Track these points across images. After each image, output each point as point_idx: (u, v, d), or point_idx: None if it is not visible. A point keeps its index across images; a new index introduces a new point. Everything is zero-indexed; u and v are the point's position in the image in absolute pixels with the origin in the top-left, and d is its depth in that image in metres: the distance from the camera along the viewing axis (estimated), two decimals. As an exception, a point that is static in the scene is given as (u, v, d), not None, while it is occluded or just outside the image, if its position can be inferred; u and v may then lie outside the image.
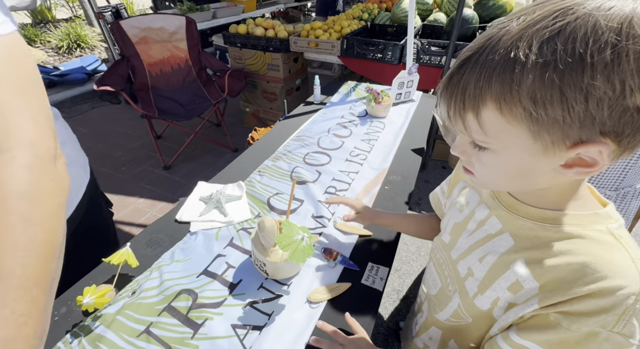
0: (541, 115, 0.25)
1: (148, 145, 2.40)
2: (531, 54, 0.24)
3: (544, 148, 0.27)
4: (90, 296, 0.54)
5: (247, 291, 0.63)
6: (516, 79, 0.25)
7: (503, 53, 0.25)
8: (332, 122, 1.25)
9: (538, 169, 0.30)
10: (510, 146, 0.29)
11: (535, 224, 0.35)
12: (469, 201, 0.46)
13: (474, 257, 0.41)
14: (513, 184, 0.34)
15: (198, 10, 2.77)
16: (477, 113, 0.28)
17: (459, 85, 0.29)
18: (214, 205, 0.83)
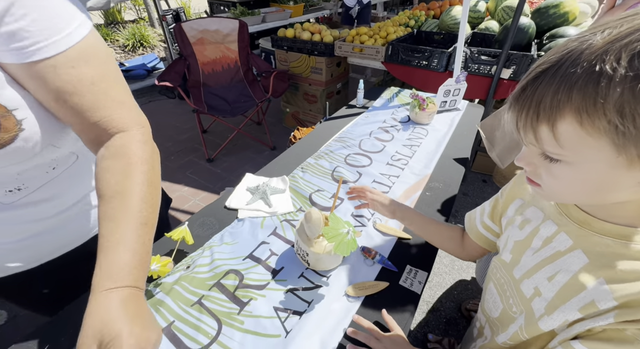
0: (629, 128, 0.25)
1: (195, 138, 2.58)
2: (620, 68, 0.24)
3: (628, 162, 0.27)
4: (157, 264, 0.61)
5: (288, 278, 0.67)
6: (601, 92, 0.25)
7: (587, 66, 0.25)
8: (374, 125, 1.27)
9: (620, 182, 0.29)
10: (589, 159, 0.28)
11: (613, 241, 0.33)
12: (530, 217, 0.45)
13: (541, 276, 0.40)
14: (587, 198, 0.33)
15: (250, 14, 2.93)
16: (552, 125, 0.28)
17: (533, 97, 0.29)
18: (259, 196, 0.88)
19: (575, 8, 1.80)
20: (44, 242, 0.53)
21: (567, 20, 1.81)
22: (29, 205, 0.46)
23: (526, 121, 0.30)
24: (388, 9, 5.29)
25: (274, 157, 1.09)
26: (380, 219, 0.82)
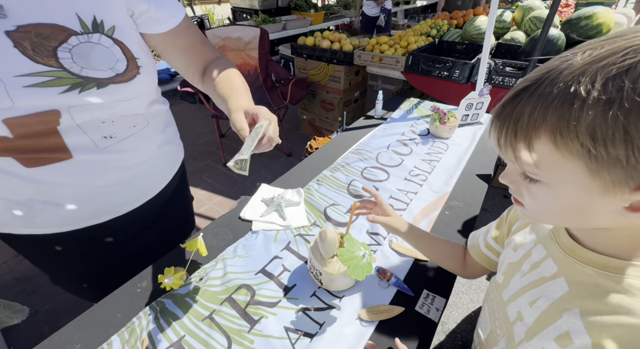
0: (601, 153, 0.24)
1: (213, 142, 2.62)
2: (594, 90, 0.23)
3: (603, 187, 0.26)
4: (170, 276, 0.61)
5: (300, 297, 0.65)
6: (574, 114, 0.24)
7: (563, 87, 0.25)
8: (392, 138, 1.25)
9: (596, 208, 0.28)
10: (565, 181, 0.28)
11: (595, 272, 0.32)
12: (525, 240, 0.44)
13: (524, 301, 0.39)
14: (567, 221, 0.32)
15: (271, 21, 2.98)
16: (529, 144, 0.28)
17: (512, 115, 0.28)
18: (274, 208, 0.87)
19: (610, 19, 1.71)
20: (123, 191, 0.63)
21: (601, 32, 1.73)
22: (117, 152, 0.58)
23: (505, 139, 0.29)
24: (409, 16, 5.25)
25: (289, 163, 1.09)
26: (396, 238, 0.80)
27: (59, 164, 0.52)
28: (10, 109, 0.43)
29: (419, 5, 5.03)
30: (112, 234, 0.69)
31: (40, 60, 0.44)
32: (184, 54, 0.65)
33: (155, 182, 0.70)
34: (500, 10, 2.29)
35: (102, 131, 0.54)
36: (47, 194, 0.54)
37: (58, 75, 0.45)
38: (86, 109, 0.50)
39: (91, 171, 0.56)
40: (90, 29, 0.48)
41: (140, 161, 0.63)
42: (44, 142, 0.49)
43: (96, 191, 0.58)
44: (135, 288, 0.66)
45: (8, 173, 0.50)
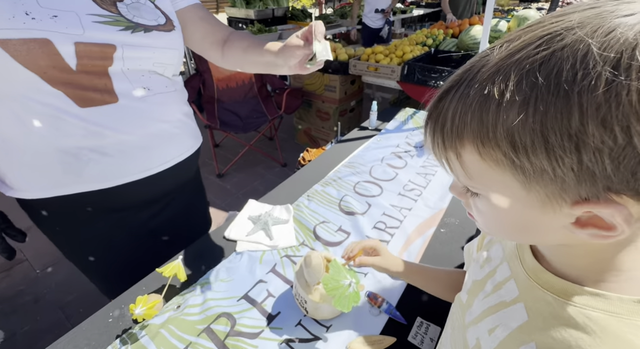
0: (524, 164, 0.20)
1: (206, 152, 2.59)
2: (507, 91, 0.20)
3: (539, 202, 0.22)
4: (142, 307, 0.56)
5: (284, 326, 0.61)
6: (492, 119, 0.21)
7: (478, 88, 0.21)
8: (386, 150, 1.21)
9: (542, 224, 0.24)
10: (499, 193, 0.24)
11: (555, 299, 0.27)
12: (492, 256, 0.39)
13: (484, 327, 0.34)
14: (519, 237, 0.29)
15: (267, 31, 2.99)
16: (458, 154, 0.24)
17: (437, 122, 0.25)
18: (261, 226, 0.83)
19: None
20: (159, 144, 0.69)
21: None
22: (152, 104, 0.65)
23: (437, 148, 0.26)
24: (406, 25, 5.30)
25: (284, 174, 1.06)
26: (389, 259, 0.75)
27: (107, 106, 0.59)
28: (81, 36, 0.54)
29: (416, 14, 5.08)
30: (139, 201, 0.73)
31: (105, 7, 0.58)
32: (202, 24, 0.75)
33: (182, 147, 0.76)
34: (496, 20, 2.30)
35: (142, 82, 0.63)
36: (95, 138, 0.60)
37: (117, 18, 0.58)
38: (135, 49, 0.60)
39: (133, 118, 0.63)
40: None
41: (172, 119, 0.71)
42: (96, 81, 0.57)
43: (136, 140, 0.65)
44: (106, 318, 0.61)
45: (63, 111, 0.56)
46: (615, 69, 0.17)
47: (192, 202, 0.88)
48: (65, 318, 1.38)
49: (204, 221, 0.95)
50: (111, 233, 0.73)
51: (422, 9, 5.35)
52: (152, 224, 0.77)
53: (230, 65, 0.77)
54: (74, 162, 0.60)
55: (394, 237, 0.82)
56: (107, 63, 0.57)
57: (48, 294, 1.48)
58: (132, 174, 0.67)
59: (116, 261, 0.77)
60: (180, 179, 0.80)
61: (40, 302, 1.44)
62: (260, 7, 3.55)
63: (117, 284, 0.71)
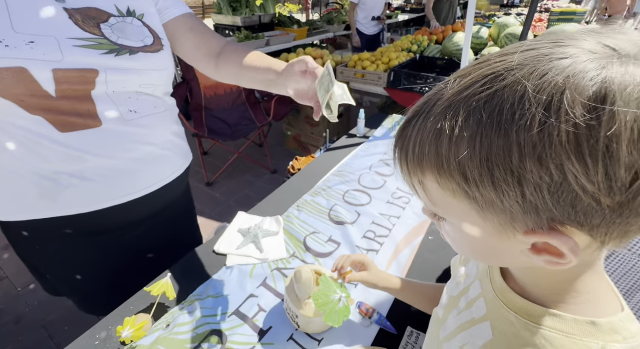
0: (476, 194, 0.22)
1: (195, 161, 2.54)
2: (456, 127, 0.21)
3: (496, 229, 0.24)
4: (130, 329, 0.55)
5: (276, 342, 0.60)
6: (446, 152, 0.22)
7: (433, 121, 0.23)
8: (374, 158, 1.23)
9: (503, 249, 0.25)
10: (460, 220, 0.26)
11: (518, 320, 0.28)
12: (469, 273, 0.40)
13: (456, 344, 0.35)
14: (486, 260, 0.30)
15: (254, 38, 2.99)
16: (420, 181, 0.26)
17: (402, 150, 0.26)
18: (251, 239, 0.83)
19: (580, 36, 1.78)
20: (143, 169, 0.67)
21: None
22: (139, 127, 0.64)
23: (404, 174, 0.27)
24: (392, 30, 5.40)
25: (274, 181, 1.06)
26: (379, 269, 0.76)
27: (89, 131, 0.57)
28: (60, 62, 0.52)
29: (401, 20, 5.18)
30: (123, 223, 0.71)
31: (88, 30, 0.55)
32: (193, 35, 0.72)
33: (169, 169, 0.74)
34: (477, 27, 2.37)
35: (129, 105, 0.61)
36: (75, 163, 0.58)
37: (100, 41, 0.56)
38: (120, 73, 0.58)
39: (117, 142, 0.61)
40: (125, 14, 0.62)
41: (158, 142, 0.69)
42: (79, 106, 0.55)
43: (119, 165, 0.63)
44: (93, 341, 0.60)
45: (42, 136, 0.54)
46: (547, 111, 0.18)
47: (181, 220, 0.86)
48: (48, 336, 1.33)
49: (193, 237, 0.94)
50: (92, 255, 0.71)
51: (407, 15, 5.46)
52: (136, 245, 0.75)
53: (225, 79, 0.75)
54: (52, 186, 0.58)
55: (383, 246, 0.83)
56: (90, 87, 0.56)
57: (30, 313, 1.43)
58: (114, 198, 0.65)
59: (97, 282, 0.74)
60: (169, 199, 0.78)
61: (22, 321, 1.39)
62: (247, 14, 3.55)
63: (98, 306, 0.70)
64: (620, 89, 0.17)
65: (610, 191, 0.18)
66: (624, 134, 0.17)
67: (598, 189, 0.18)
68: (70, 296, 0.79)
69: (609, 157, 0.18)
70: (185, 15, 0.72)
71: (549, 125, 0.18)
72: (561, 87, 0.18)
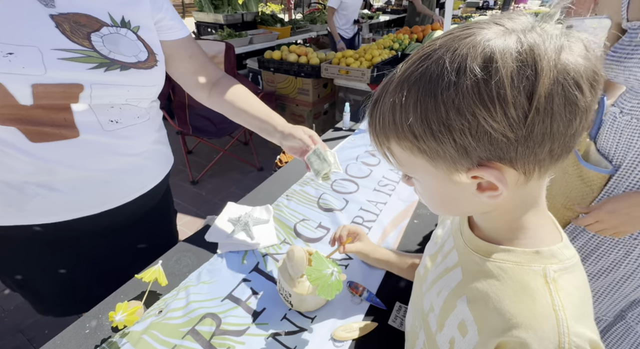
0: (424, 148, 0.28)
1: (179, 159, 2.50)
2: (403, 98, 0.27)
3: (447, 174, 0.29)
4: (122, 313, 0.55)
5: (270, 321, 0.62)
6: (399, 120, 0.28)
7: (389, 98, 0.29)
8: (360, 149, 1.26)
9: (457, 194, 0.31)
10: (423, 174, 0.32)
11: (481, 259, 0.34)
12: (444, 232, 0.46)
13: (434, 291, 0.41)
14: (450, 210, 0.36)
15: (237, 36, 2.97)
16: (387, 148, 0.32)
17: (372, 125, 0.32)
18: (241, 227, 0.84)
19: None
20: (119, 179, 0.64)
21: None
22: (119, 137, 0.60)
23: (377, 146, 0.33)
24: (373, 30, 5.49)
25: (261, 178, 1.06)
26: (367, 251, 0.79)
27: (64, 141, 0.54)
28: (41, 76, 0.48)
29: (382, 20, 5.28)
30: (95, 233, 0.68)
31: (76, 40, 0.51)
32: (190, 61, 0.72)
33: (148, 178, 0.72)
34: (454, 26, 2.46)
35: (110, 115, 0.58)
36: (44, 174, 0.54)
37: (89, 54, 0.52)
38: (107, 88, 0.55)
39: (94, 154, 0.58)
40: (119, 24, 0.58)
41: (138, 152, 0.66)
42: (54, 116, 0.51)
43: (94, 176, 0.60)
44: (83, 329, 0.59)
45: (11, 146, 0.51)
46: (457, 73, 0.25)
47: (158, 222, 0.83)
48: (27, 341, 1.28)
49: (168, 236, 0.91)
50: (62, 261, 0.68)
51: (388, 15, 5.57)
52: (108, 251, 0.72)
53: (214, 108, 0.75)
54: (17, 195, 0.55)
55: (371, 230, 0.86)
56: (72, 101, 0.52)
57: (7, 318, 1.36)
58: (86, 208, 0.62)
59: (67, 288, 0.71)
60: (146, 206, 0.76)
61: (-2, 327, 1.33)
62: (229, 12, 3.52)
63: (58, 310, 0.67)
64: (501, 52, 0.24)
65: (512, 126, 0.25)
66: (506, 81, 0.23)
67: (502, 126, 0.25)
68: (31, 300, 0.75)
69: (502, 100, 0.24)
70: (186, 38, 0.71)
71: (460, 83, 0.25)
72: (464, 56, 0.25)
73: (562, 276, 0.30)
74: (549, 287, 0.29)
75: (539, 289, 0.29)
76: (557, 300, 0.28)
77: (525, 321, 0.28)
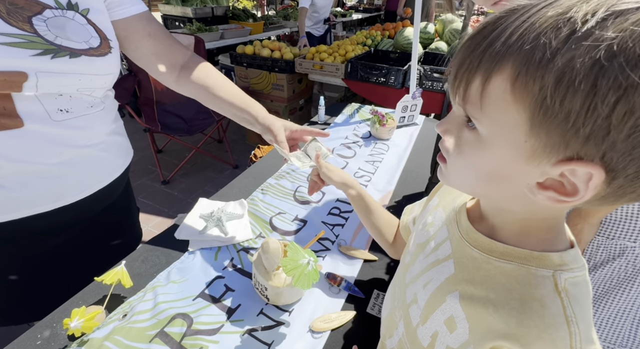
0: (555, 103, 0.20)
1: (148, 159, 2.39)
2: (592, 20, 0.19)
3: (532, 151, 0.23)
4: (79, 319, 0.50)
5: (245, 318, 0.59)
6: (555, 47, 0.20)
7: (561, 10, 0.20)
8: (336, 142, 1.25)
9: (512, 177, 0.26)
10: (500, 133, 0.25)
11: (481, 255, 0.31)
12: (435, 221, 0.42)
13: (420, 283, 0.38)
14: (478, 188, 0.30)
15: (207, 30, 2.87)
16: (486, 78, 0.24)
17: (486, 39, 0.23)
18: (214, 223, 0.80)
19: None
20: (71, 173, 0.59)
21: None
22: (70, 128, 0.55)
23: (465, 68, 0.25)
24: (347, 28, 5.53)
25: (236, 175, 1.02)
26: (344, 241, 0.78)
27: (5, 132, 0.49)
28: None
29: (355, 18, 5.34)
30: (48, 232, 0.63)
31: (14, 24, 0.46)
32: (150, 40, 0.65)
33: (105, 171, 0.67)
34: (424, 23, 2.52)
35: (59, 104, 0.53)
36: None
37: (31, 39, 0.47)
38: (54, 77, 0.49)
39: (41, 145, 0.53)
40: (65, 7, 0.52)
41: (92, 143, 0.61)
42: None
43: (43, 170, 0.55)
44: (34, 340, 0.53)
45: None
46: None
47: (119, 220, 0.78)
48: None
49: (130, 235, 0.85)
50: (7, 264, 0.61)
51: (361, 14, 5.64)
52: (63, 252, 0.67)
53: (184, 93, 0.69)
54: None
55: (348, 220, 0.85)
56: (14, 90, 0.47)
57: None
58: (35, 206, 0.56)
59: (12, 294, 0.65)
60: (105, 202, 0.70)
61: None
62: (198, 5, 3.39)
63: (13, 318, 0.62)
64: None
65: None
66: None
67: None
68: None
69: None
70: (142, 15, 0.63)
71: None
72: None
73: (573, 284, 0.27)
74: (560, 295, 0.26)
75: (549, 294, 0.26)
76: (569, 310, 0.25)
77: (532, 331, 0.26)
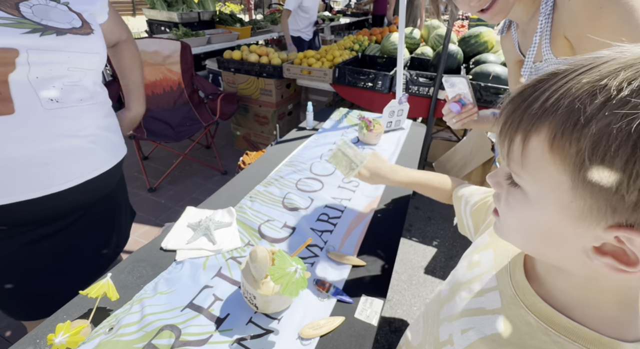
0: (593, 168, 0.20)
1: (134, 166, 2.34)
2: (626, 89, 0.19)
3: (579, 213, 0.22)
4: (64, 334, 0.49)
5: (234, 327, 0.59)
6: (589, 113, 0.20)
7: (597, 77, 0.20)
8: (324, 148, 1.27)
9: (566, 238, 0.24)
10: (544, 193, 0.24)
11: (537, 322, 0.29)
12: (482, 262, 0.40)
13: (458, 326, 0.36)
14: (532, 245, 0.28)
15: (193, 35, 2.85)
16: (526, 137, 0.24)
17: (527, 100, 0.24)
18: (202, 232, 0.80)
19: (492, 38, 2.06)
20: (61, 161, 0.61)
21: (487, 48, 2.06)
22: (61, 117, 0.59)
23: (509, 125, 0.25)
24: (335, 32, 5.59)
25: (224, 182, 1.02)
26: (333, 247, 0.79)
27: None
28: None
29: (343, 22, 5.39)
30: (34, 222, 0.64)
31: (3, 9, 0.51)
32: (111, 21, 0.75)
33: (93, 163, 0.69)
34: (410, 29, 2.58)
35: (50, 93, 0.57)
36: None
37: (20, 21, 0.51)
38: (43, 53, 0.53)
39: (31, 132, 0.55)
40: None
41: (82, 134, 0.64)
42: None
43: (31, 157, 0.57)
44: (16, 358, 0.52)
45: None
46: None
47: (109, 217, 0.79)
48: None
49: (117, 234, 0.86)
50: None
51: (349, 18, 5.70)
52: (48, 243, 0.68)
53: None
54: None
55: (337, 226, 0.86)
56: (8, 69, 0.50)
57: None
58: (22, 192, 0.58)
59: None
60: (94, 195, 0.72)
61: None
62: (184, 10, 3.37)
63: None
64: None
65: None
66: None
67: None
68: None
69: None
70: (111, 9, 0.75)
71: None
72: None
73: None
74: None
75: None
76: None
77: None
